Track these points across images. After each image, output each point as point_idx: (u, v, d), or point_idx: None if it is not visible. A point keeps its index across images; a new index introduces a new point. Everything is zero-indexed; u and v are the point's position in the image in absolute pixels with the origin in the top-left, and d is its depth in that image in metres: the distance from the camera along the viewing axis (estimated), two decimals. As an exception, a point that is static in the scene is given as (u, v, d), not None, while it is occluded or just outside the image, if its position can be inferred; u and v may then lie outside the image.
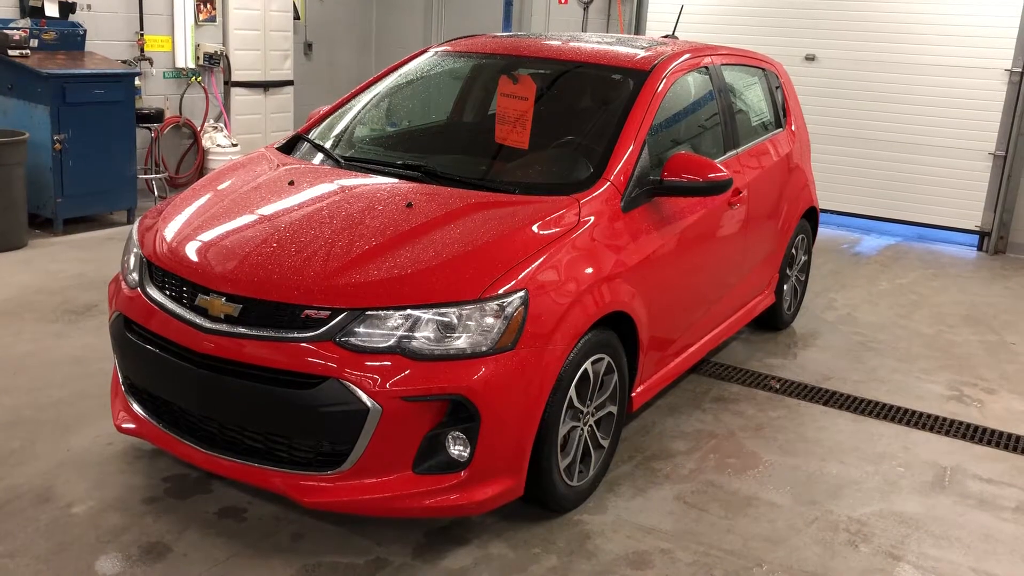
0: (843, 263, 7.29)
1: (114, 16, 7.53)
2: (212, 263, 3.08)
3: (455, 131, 4.61)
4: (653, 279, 3.59)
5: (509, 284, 2.93)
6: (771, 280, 5.15)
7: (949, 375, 4.98)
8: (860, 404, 4.51)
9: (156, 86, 8.00)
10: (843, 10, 8.25)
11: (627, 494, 3.50)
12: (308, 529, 3.15)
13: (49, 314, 4.98)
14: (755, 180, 4.62)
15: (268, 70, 8.91)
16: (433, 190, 3.45)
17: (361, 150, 4.10)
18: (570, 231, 3.23)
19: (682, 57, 4.22)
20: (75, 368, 4.30)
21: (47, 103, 6.35)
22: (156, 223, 3.44)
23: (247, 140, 8.68)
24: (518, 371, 2.90)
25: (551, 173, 3.78)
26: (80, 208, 6.75)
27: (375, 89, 4.45)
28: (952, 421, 4.37)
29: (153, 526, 3.11)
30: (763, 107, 5.17)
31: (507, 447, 2.95)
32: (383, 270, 2.95)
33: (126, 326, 3.22)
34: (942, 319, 5.96)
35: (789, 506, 3.51)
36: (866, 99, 8.28)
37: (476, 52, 4.52)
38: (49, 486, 3.31)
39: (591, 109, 4.12)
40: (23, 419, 3.78)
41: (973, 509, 3.58)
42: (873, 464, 3.89)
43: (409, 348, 2.82)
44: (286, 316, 2.88)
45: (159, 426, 3.19)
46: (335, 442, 2.86)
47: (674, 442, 3.96)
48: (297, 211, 3.33)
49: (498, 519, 3.25)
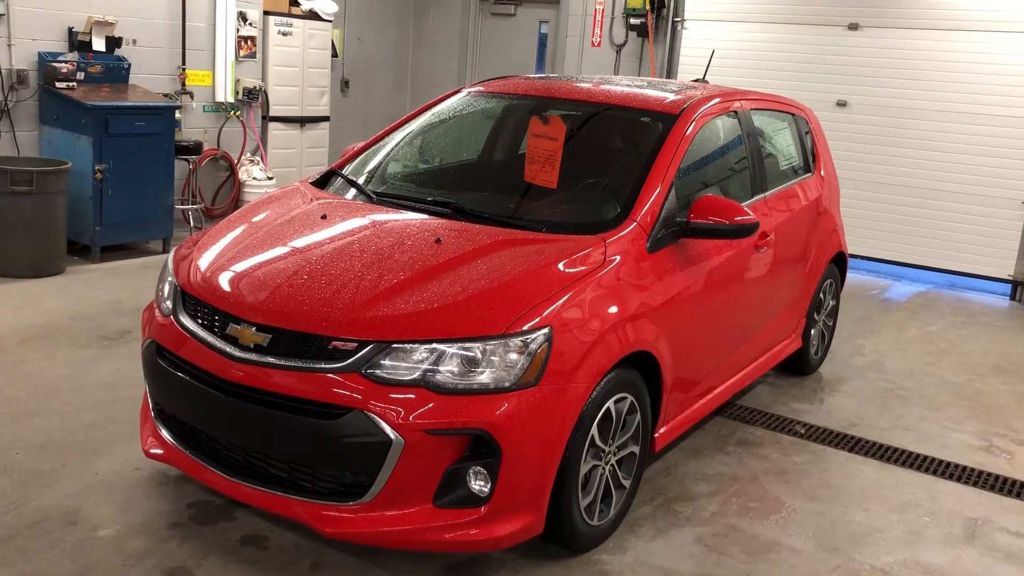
0: (872, 309, 7.24)
1: (158, 51, 7.75)
2: (244, 293, 3.14)
3: (485, 169, 4.68)
4: (678, 320, 3.61)
5: (534, 321, 2.96)
6: (798, 324, 5.13)
7: (978, 425, 4.92)
8: (886, 452, 4.46)
9: (196, 119, 8.19)
10: (875, 56, 8.28)
11: (647, 535, 3.49)
12: (328, 559, 3.17)
13: (83, 339, 5.08)
14: (783, 224, 4.63)
15: (305, 106, 9.10)
16: (462, 227, 3.50)
17: (393, 186, 4.17)
18: (596, 270, 3.26)
19: (712, 101, 4.27)
20: (107, 393, 4.38)
21: (90, 134, 6.53)
22: (191, 253, 3.52)
23: (283, 174, 8.83)
24: (540, 408, 2.92)
25: (579, 212, 3.82)
26: (118, 236, 6.90)
27: (409, 127, 4.53)
28: (980, 472, 4.32)
29: (177, 551, 3.15)
30: (792, 152, 5.19)
31: (528, 484, 2.96)
32: (410, 304, 2.99)
33: (158, 353, 3.29)
34: (971, 368, 5.90)
35: (811, 552, 3.47)
36: (898, 145, 8.28)
37: (508, 93, 4.60)
38: (77, 508, 3.36)
39: (620, 150, 4.18)
40: (54, 441, 3.86)
41: (1000, 562, 3.52)
42: (898, 513, 3.85)
43: (433, 382, 2.85)
44: (314, 347, 2.93)
45: (186, 452, 3.24)
46: (358, 473, 2.89)
47: (696, 484, 3.94)
48: (328, 244, 3.40)
49: (517, 556, 3.25)
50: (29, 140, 6.94)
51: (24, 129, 6.89)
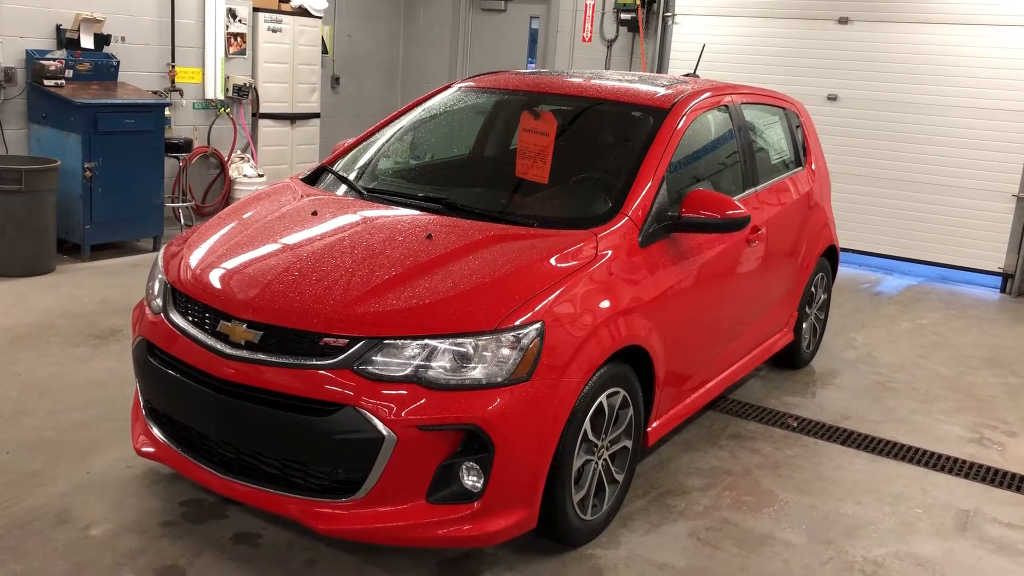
0: (864, 302, 7.26)
1: (147, 48, 7.71)
2: (234, 290, 3.13)
3: (477, 165, 4.67)
4: (670, 314, 3.61)
5: (525, 316, 2.96)
6: (790, 318, 5.14)
7: (969, 417, 4.94)
8: (878, 444, 4.48)
9: (186, 117, 8.16)
10: (865, 51, 8.29)
11: (641, 529, 3.49)
12: (322, 556, 3.16)
13: (73, 338, 5.06)
14: (774, 218, 4.64)
15: (295, 103, 9.07)
16: (453, 222, 3.50)
17: (384, 182, 4.16)
18: (587, 264, 3.26)
19: (702, 95, 4.27)
20: (97, 392, 4.36)
21: (79, 132, 6.50)
22: (181, 250, 3.50)
23: (273, 171, 8.81)
24: (533, 403, 2.92)
25: (570, 207, 3.82)
26: (107, 235, 6.87)
27: (399, 123, 4.52)
28: (972, 464, 4.33)
29: (169, 549, 3.13)
30: (783, 146, 5.20)
31: (520, 479, 2.95)
32: (402, 300, 2.98)
33: (149, 351, 3.28)
34: (963, 361, 5.92)
35: (804, 545, 3.48)
36: (889, 139, 8.30)
37: (499, 88, 4.59)
38: (68, 507, 3.35)
39: (611, 145, 4.17)
40: (45, 441, 3.84)
41: (992, 554, 3.54)
42: (890, 505, 3.86)
43: (425, 378, 2.84)
44: (305, 344, 2.92)
45: (178, 450, 3.23)
46: (350, 469, 2.89)
47: (689, 478, 3.95)
48: (319, 241, 3.39)
49: (510, 551, 3.25)
50: (17, 138, 6.90)
51: (12, 127, 6.85)
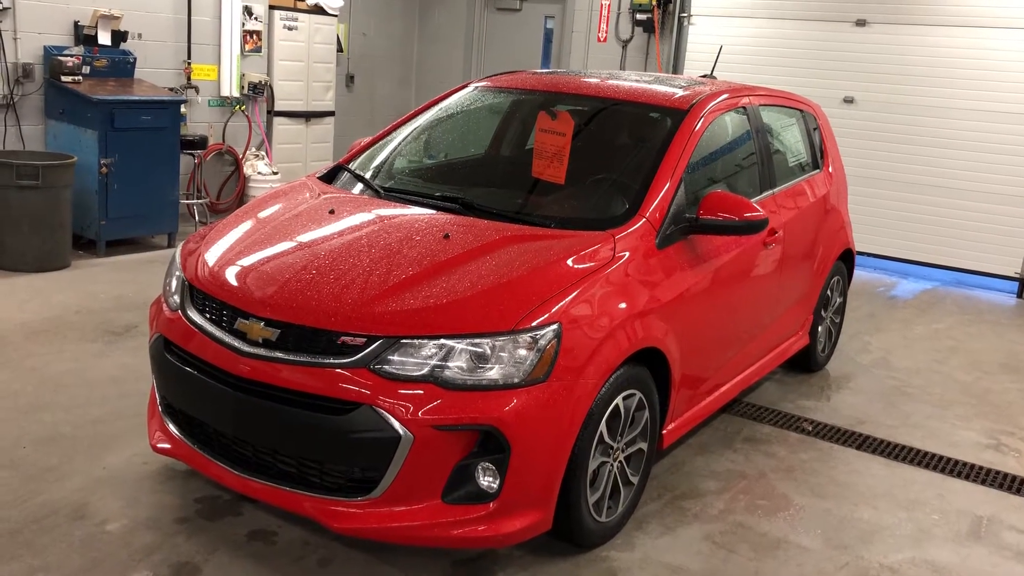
0: (879, 306, 7.22)
1: (163, 45, 7.73)
2: (252, 288, 3.13)
3: (493, 165, 4.66)
4: (686, 316, 3.59)
5: (543, 317, 2.95)
6: (805, 321, 5.12)
7: (986, 423, 4.90)
8: (894, 449, 4.45)
9: (201, 114, 8.18)
10: (882, 53, 8.25)
11: (655, 532, 3.48)
12: (336, 555, 3.16)
13: (89, 334, 5.07)
14: (791, 221, 4.62)
15: (310, 100, 9.09)
16: (470, 222, 3.49)
17: (401, 181, 4.16)
18: (604, 266, 3.25)
19: (720, 97, 4.25)
20: (113, 388, 4.38)
21: (95, 128, 6.52)
22: (199, 247, 3.51)
23: (287, 169, 8.83)
24: (549, 404, 2.91)
25: (587, 208, 3.81)
26: (123, 231, 6.89)
27: (416, 122, 4.52)
28: (988, 470, 4.30)
29: (184, 546, 3.14)
30: (800, 148, 5.17)
31: (536, 480, 2.95)
32: (419, 299, 2.98)
33: (166, 347, 3.28)
34: (979, 366, 5.88)
35: (819, 550, 3.46)
36: (905, 142, 8.26)
37: (515, 88, 4.58)
38: (84, 503, 3.36)
39: (628, 146, 4.16)
40: (61, 436, 3.85)
41: (1009, 560, 3.51)
42: (906, 511, 3.84)
43: (442, 377, 2.84)
44: (323, 342, 2.92)
45: (194, 447, 3.24)
46: (366, 468, 2.89)
47: (704, 481, 3.93)
48: (336, 239, 3.39)
49: (525, 552, 3.24)
50: (35, 134, 6.93)
51: (30, 123, 6.88)
